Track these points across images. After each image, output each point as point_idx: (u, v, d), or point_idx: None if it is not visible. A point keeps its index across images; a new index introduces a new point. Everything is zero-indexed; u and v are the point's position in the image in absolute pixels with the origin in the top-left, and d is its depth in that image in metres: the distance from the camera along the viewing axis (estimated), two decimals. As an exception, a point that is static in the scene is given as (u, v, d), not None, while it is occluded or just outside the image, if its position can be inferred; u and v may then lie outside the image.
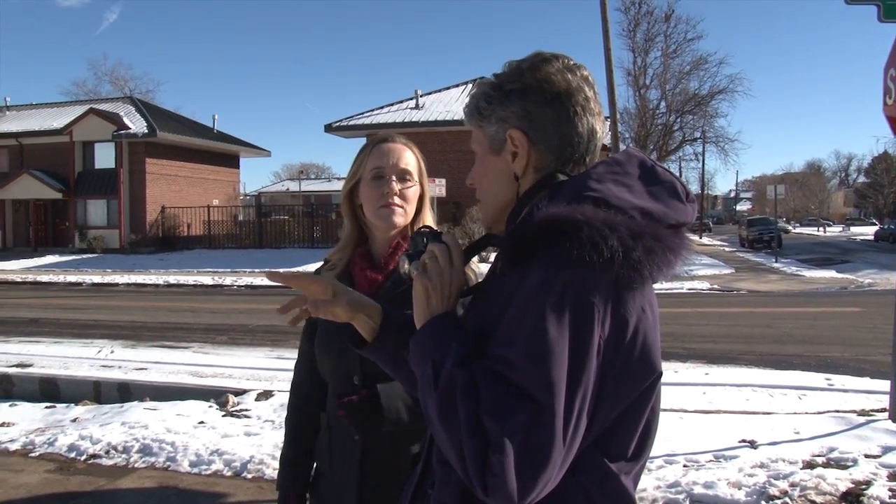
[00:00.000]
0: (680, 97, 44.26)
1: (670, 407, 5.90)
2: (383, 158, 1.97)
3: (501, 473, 1.02)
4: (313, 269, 2.22)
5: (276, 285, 9.43)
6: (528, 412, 1.04)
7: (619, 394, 1.16)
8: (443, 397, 1.10)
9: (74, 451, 5.28)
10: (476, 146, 1.37)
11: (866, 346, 9.77)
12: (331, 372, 2.08)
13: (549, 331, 1.07)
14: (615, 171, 1.24)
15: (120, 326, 12.39)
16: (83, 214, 35.42)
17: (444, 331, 1.21)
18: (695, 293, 17.53)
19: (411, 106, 30.25)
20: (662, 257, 1.16)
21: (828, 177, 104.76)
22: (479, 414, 1.06)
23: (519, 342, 1.08)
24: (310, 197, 66.13)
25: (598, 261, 1.09)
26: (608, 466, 1.19)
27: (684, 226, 1.23)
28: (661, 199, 1.22)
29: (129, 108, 37.26)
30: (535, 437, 1.04)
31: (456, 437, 1.07)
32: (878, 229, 49.20)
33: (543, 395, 1.05)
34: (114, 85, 59.70)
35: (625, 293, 1.14)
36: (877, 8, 5.64)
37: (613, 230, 1.11)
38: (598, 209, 1.14)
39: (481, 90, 1.34)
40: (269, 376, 7.59)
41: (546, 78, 1.28)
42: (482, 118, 1.33)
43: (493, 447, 1.03)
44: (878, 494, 4.03)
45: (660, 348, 1.22)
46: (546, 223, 1.14)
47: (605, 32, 16.71)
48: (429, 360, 1.16)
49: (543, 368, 1.05)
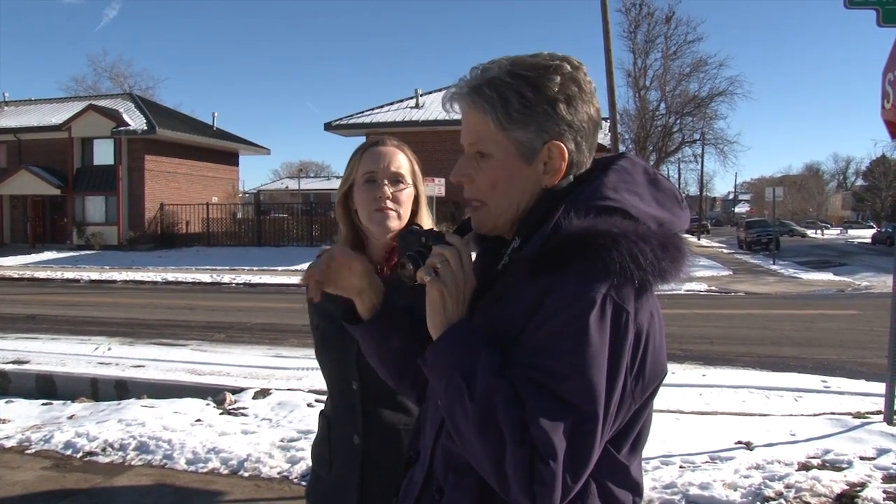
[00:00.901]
0: (680, 99, 44.23)
1: (667, 408, 5.91)
2: (375, 162, 1.96)
3: (552, 482, 1.05)
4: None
5: (274, 282, 9.37)
6: (573, 420, 1.08)
7: (636, 395, 1.19)
8: (482, 407, 1.10)
9: (71, 448, 5.28)
10: (492, 147, 1.26)
11: (863, 348, 9.79)
12: (329, 375, 2.08)
13: (593, 342, 1.09)
14: (626, 179, 1.25)
15: (117, 323, 12.38)
16: (81, 211, 35.41)
17: (469, 339, 1.19)
18: (693, 294, 17.53)
19: (411, 105, 30.27)
20: (682, 264, 1.20)
21: (826, 180, 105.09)
22: (526, 424, 1.07)
23: (562, 353, 1.10)
24: (309, 195, 66.13)
25: (636, 272, 1.12)
26: (620, 460, 1.23)
27: (682, 231, 1.27)
28: (667, 207, 1.26)
29: (128, 104, 37.28)
30: (580, 443, 1.08)
31: (496, 447, 1.08)
32: (875, 232, 49.28)
33: (588, 403, 1.09)
34: (113, 81, 59.60)
35: (642, 300, 1.17)
36: (876, 12, 5.65)
37: (647, 242, 1.15)
38: (626, 221, 1.17)
39: (510, 88, 1.23)
40: (267, 374, 7.59)
41: (584, 87, 1.26)
42: (511, 120, 1.23)
43: (543, 456, 1.05)
44: (872, 496, 4.04)
45: (665, 350, 1.27)
46: (583, 236, 1.15)
47: (606, 33, 16.72)
48: (456, 370, 1.15)
49: (587, 378, 1.09)
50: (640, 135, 43.10)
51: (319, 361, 2.11)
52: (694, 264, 1.25)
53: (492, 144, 1.26)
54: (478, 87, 1.25)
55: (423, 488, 1.33)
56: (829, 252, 38.05)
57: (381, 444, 1.96)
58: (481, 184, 1.29)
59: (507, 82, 1.23)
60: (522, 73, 1.23)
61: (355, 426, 1.99)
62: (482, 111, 1.25)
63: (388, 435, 1.96)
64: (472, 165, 1.29)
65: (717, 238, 56.37)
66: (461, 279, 1.23)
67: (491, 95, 1.24)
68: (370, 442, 1.97)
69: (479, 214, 1.31)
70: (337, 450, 2.03)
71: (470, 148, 1.29)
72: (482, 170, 1.28)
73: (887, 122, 5.75)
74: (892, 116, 5.65)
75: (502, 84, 1.23)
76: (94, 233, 34.06)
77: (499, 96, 1.23)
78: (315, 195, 66.57)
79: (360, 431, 1.98)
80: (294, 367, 7.87)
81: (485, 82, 1.25)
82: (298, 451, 4.99)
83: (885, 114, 5.74)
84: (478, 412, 1.10)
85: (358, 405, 1.98)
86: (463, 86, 1.28)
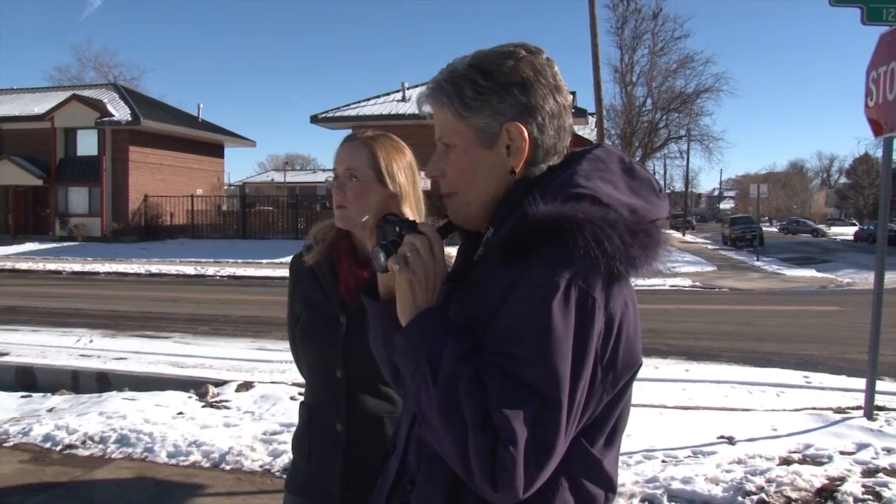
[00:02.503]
0: (666, 95, 44.37)
1: (650, 403, 5.94)
2: (336, 158, 1.99)
3: (512, 467, 1.04)
4: (291, 257, 2.21)
5: (258, 275, 9.32)
6: (536, 406, 1.07)
7: (607, 386, 1.18)
8: (444, 393, 1.10)
9: (50, 441, 5.23)
10: (454, 137, 1.30)
11: (844, 344, 9.87)
12: (313, 364, 2.07)
13: (556, 327, 1.09)
14: (599, 167, 1.25)
15: (100, 315, 12.28)
16: (64, 202, 35.08)
17: (437, 326, 1.19)
18: (677, 290, 17.64)
19: (398, 98, 30.21)
20: (654, 252, 1.19)
21: (810, 177, 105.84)
22: (488, 409, 1.07)
23: (525, 338, 1.10)
24: (295, 188, 65.81)
25: (601, 258, 1.12)
26: (592, 454, 1.22)
27: (660, 220, 1.26)
28: (642, 196, 1.25)
29: (112, 95, 36.88)
30: (543, 430, 1.07)
31: (459, 433, 1.08)
32: (857, 230, 49.69)
33: (551, 389, 1.08)
34: (98, 71, 59.21)
35: (614, 288, 1.16)
36: (860, 10, 5.67)
37: (614, 228, 1.14)
38: (595, 207, 1.16)
39: (464, 78, 1.27)
40: (250, 367, 7.57)
41: (542, 70, 1.27)
42: (467, 108, 1.26)
43: (504, 441, 1.05)
44: (851, 490, 4.07)
45: (641, 341, 1.26)
46: (548, 221, 1.15)
47: (593, 29, 16.72)
48: (423, 356, 1.15)
49: (550, 363, 1.08)
50: (626, 130, 43.21)
51: (301, 350, 2.10)
52: (673, 254, 1.24)
53: (454, 135, 1.29)
54: (438, 84, 1.30)
55: (396, 479, 1.33)
56: (812, 249, 38.37)
57: (364, 431, 1.96)
58: (450, 175, 1.31)
59: (463, 73, 1.27)
60: (478, 62, 1.27)
61: (339, 414, 1.99)
62: (441, 104, 1.29)
63: (372, 422, 1.97)
64: (443, 160, 1.32)
65: (702, 234, 56.68)
66: (431, 268, 1.23)
67: (448, 88, 1.28)
68: (353, 429, 1.98)
69: (451, 204, 1.34)
70: (318, 439, 2.03)
71: (439, 143, 1.33)
72: (450, 161, 1.31)
73: (871, 120, 5.78)
74: (875, 114, 5.69)
75: (459, 75, 1.27)
76: (76, 224, 33.75)
77: (454, 87, 1.27)
78: (301, 188, 66.28)
79: (343, 419, 1.98)
80: (277, 359, 7.84)
81: (444, 77, 1.30)
82: (281, 444, 4.97)
83: (868, 112, 5.77)
84: (441, 397, 1.10)
85: (342, 393, 1.99)
86: (429, 84, 1.33)
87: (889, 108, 5.49)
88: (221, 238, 33.80)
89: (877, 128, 5.70)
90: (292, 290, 2.15)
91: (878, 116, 5.65)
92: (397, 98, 30.22)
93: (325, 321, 2.02)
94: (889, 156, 5.74)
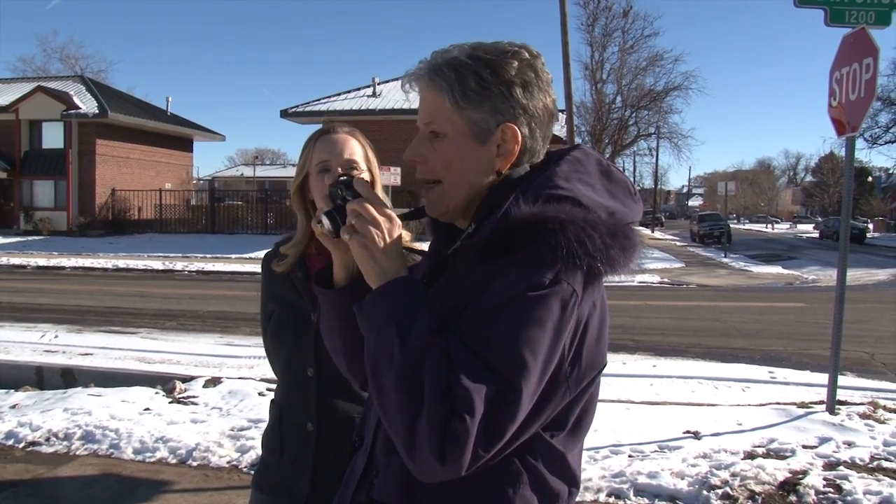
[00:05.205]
0: (636, 92, 44.67)
1: (617, 398, 5.99)
2: (328, 151, 1.96)
3: (464, 441, 1.05)
4: (264, 255, 2.20)
5: (227, 270, 9.22)
6: (497, 387, 1.08)
7: (571, 383, 1.20)
8: (409, 362, 1.10)
9: (12, 438, 5.14)
10: (446, 126, 1.27)
11: (808, 340, 10.04)
12: (284, 362, 2.06)
13: (531, 318, 1.11)
14: (578, 170, 1.27)
15: (65, 311, 12.09)
16: (29, 195, 34.46)
17: (409, 294, 1.18)
18: (645, 286, 17.79)
19: (368, 94, 30.10)
20: (632, 254, 1.21)
21: (777, 175, 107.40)
22: (450, 383, 1.07)
23: (499, 323, 1.11)
24: (264, 182, 65.42)
25: (583, 257, 1.14)
26: (555, 447, 1.24)
27: (635, 223, 1.29)
28: (619, 198, 1.27)
29: (79, 87, 36.26)
30: (498, 412, 1.08)
31: (414, 403, 1.08)
32: (822, 227, 50.58)
33: (514, 374, 1.09)
34: (64, 63, 58.03)
35: (588, 288, 1.18)
36: (824, 12, 5.76)
37: (595, 229, 1.16)
38: (576, 208, 1.18)
39: (467, 68, 1.24)
40: (218, 363, 7.51)
41: (541, 76, 1.28)
42: (466, 99, 1.24)
43: (459, 412, 1.05)
44: (813, 483, 4.15)
45: (608, 341, 1.29)
46: (530, 222, 1.16)
47: (564, 26, 16.80)
48: (391, 321, 1.14)
49: (519, 350, 1.09)
50: (596, 127, 43.49)
51: (273, 349, 2.10)
52: (646, 256, 1.26)
53: (447, 123, 1.27)
54: (437, 68, 1.27)
55: (364, 473, 1.33)
56: (778, 246, 38.96)
57: (335, 431, 1.96)
58: (435, 163, 1.29)
59: (466, 63, 1.25)
60: (482, 55, 1.25)
61: (309, 414, 1.98)
62: (439, 90, 1.26)
63: (343, 422, 1.97)
64: (426, 146, 1.30)
65: (671, 231, 57.26)
66: (380, 223, 1.22)
67: (449, 75, 1.25)
68: (324, 429, 1.97)
69: (432, 194, 1.31)
70: (289, 438, 2.02)
71: (425, 128, 1.30)
72: (436, 150, 1.29)
73: (834, 120, 5.89)
74: (838, 114, 5.79)
75: (461, 65, 1.25)
76: (42, 218, 33.16)
77: (456, 76, 1.24)
78: (270, 183, 65.90)
79: (314, 419, 1.98)
80: (245, 355, 7.79)
81: (444, 63, 1.26)
82: (248, 440, 4.94)
83: (832, 111, 5.88)
84: (405, 365, 1.10)
85: (313, 392, 1.98)
86: (423, 66, 1.30)
87: (851, 109, 5.59)
88: (190, 233, 33.40)
89: (840, 127, 5.80)
90: (265, 288, 2.14)
91: (841, 116, 5.75)
92: (368, 93, 30.10)
93: (297, 319, 2.01)
94: (852, 155, 5.85)
